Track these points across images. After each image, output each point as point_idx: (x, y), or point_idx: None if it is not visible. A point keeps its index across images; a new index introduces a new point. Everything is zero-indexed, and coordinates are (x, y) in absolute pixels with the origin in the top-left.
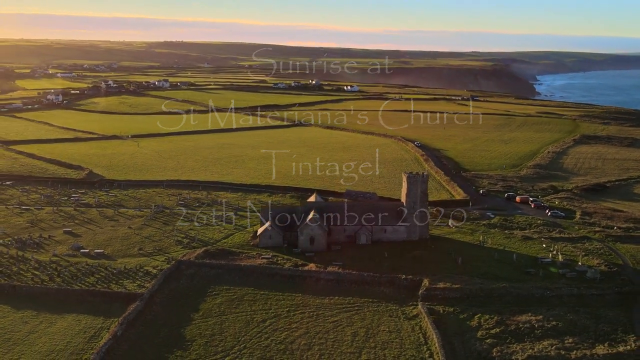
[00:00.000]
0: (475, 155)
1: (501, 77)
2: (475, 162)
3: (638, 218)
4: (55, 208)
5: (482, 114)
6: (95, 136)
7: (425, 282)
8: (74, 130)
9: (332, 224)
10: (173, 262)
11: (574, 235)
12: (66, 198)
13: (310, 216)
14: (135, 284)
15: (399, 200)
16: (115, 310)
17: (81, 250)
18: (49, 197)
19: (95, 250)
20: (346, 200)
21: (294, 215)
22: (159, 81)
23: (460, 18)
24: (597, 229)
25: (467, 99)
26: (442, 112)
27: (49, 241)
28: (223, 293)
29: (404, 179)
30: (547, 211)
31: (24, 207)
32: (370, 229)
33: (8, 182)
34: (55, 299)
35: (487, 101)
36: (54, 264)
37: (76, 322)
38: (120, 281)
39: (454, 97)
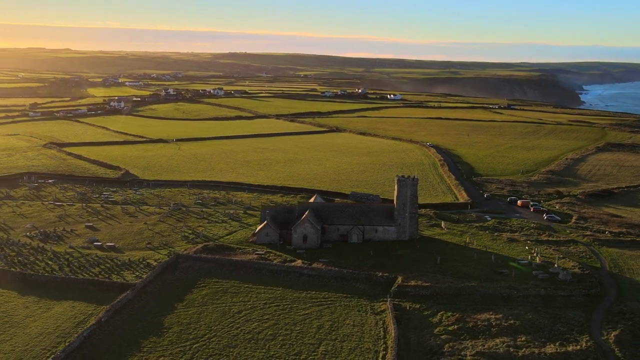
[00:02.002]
0: (493, 161)
1: (546, 86)
2: (491, 167)
3: (633, 223)
4: (84, 204)
5: (514, 121)
6: (143, 140)
7: (399, 279)
8: (126, 134)
9: (326, 223)
10: (172, 255)
11: (561, 239)
12: (97, 195)
13: (304, 216)
14: (134, 275)
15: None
16: (108, 299)
17: (95, 243)
18: (82, 194)
19: (107, 243)
20: (348, 201)
21: (290, 214)
22: (214, 89)
23: (512, 30)
24: (587, 233)
25: (504, 107)
26: (473, 120)
27: (70, 234)
28: (211, 285)
29: (396, 181)
30: (544, 215)
31: (57, 203)
32: (361, 229)
33: (50, 180)
34: (59, 287)
35: (524, 109)
36: (67, 255)
37: (71, 308)
38: (122, 272)
39: (491, 106)
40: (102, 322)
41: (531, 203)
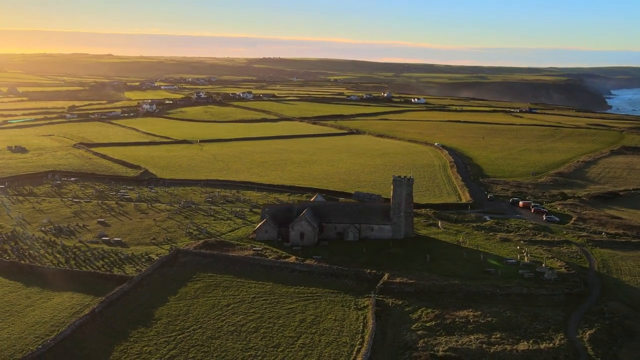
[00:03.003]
0: (504, 163)
1: (573, 91)
2: (501, 169)
3: (632, 225)
4: (100, 201)
5: (532, 125)
6: (168, 140)
7: (385, 276)
8: (153, 135)
9: (324, 221)
10: (173, 250)
11: (556, 239)
12: (114, 193)
13: (302, 214)
14: (134, 269)
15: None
16: (106, 291)
17: (103, 238)
18: (100, 192)
19: (115, 238)
20: (351, 200)
21: (290, 212)
22: (243, 93)
23: (541, 35)
24: (583, 234)
25: (525, 111)
26: (491, 123)
27: (82, 229)
28: (205, 279)
29: (392, 181)
30: (543, 216)
31: (75, 200)
32: (358, 227)
33: (73, 178)
34: (62, 279)
35: (545, 113)
36: (75, 248)
37: (70, 299)
38: (123, 266)
39: (512, 110)
40: (96, 312)
41: (532, 204)
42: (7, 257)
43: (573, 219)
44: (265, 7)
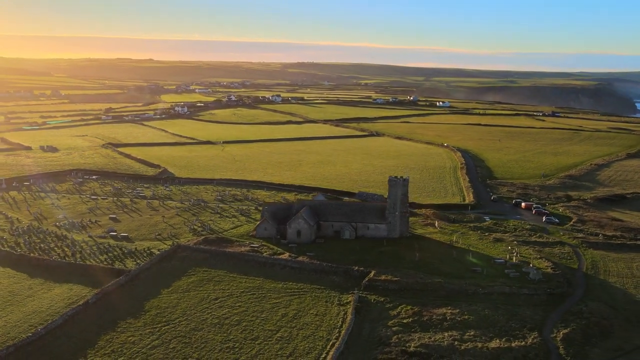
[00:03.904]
0: (516, 165)
1: (602, 95)
2: (511, 171)
3: (631, 227)
4: (115, 198)
5: (552, 128)
6: (193, 141)
7: (371, 273)
8: (180, 136)
9: (321, 220)
10: (174, 245)
11: (550, 240)
12: (130, 191)
13: (299, 212)
14: (135, 263)
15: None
16: (104, 283)
17: (111, 233)
18: (117, 189)
19: (122, 234)
20: (354, 199)
21: (289, 210)
22: (272, 96)
23: (573, 40)
24: (579, 235)
25: (548, 115)
26: (511, 126)
27: (93, 225)
28: (199, 274)
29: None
30: (543, 217)
31: (92, 197)
32: (354, 226)
33: (94, 177)
34: (65, 272)
35: (568, 117)
36: (84, 243)
37: (68, 290)
38: (125, 260)
39: (535, 113)
40: (89, 303)
41: (534, 206)
42: (19, 250)
43: (572, 220)
44: (302, 14)
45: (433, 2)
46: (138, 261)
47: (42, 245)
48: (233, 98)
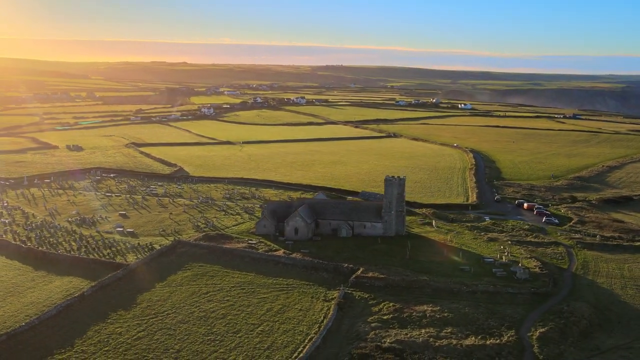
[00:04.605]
0: (526, 167)
1: (629, 97)
2: (520, 172)
3: (631, 229)
4: (129, 196)
5: (571, 130)
6: (213, 141)
7: (359, 270)
8: (202, 136)
9: (319, 218)
10: (174, 241)
11: (545, 240)
12: (144, 188)
13: (297, 210)
14: (135, 257)
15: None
16: (103, 276)
17: (117, 229)
18: (132, 187)
19: (128, 229)
20: (357, 199)
21: (289, 208)
22: (296, 98)
23: (601, 43)
24: (576, 236)
25: (569, 117)
26: (529, 128)
27: (103, 220)
28: (195, 269)
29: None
30: (543, 218)
31: (107, 194)
32: (351, 224)
33: (112, 175)
34: (68, 265)
35: (589, 119)
36: (90, 237)
37: (68, 282)
38: (127, 254)
39: (557, 115)
40: (85, 295)
41: (536, 206)
42: (29, 244)
43: (573, 221)
44: (332, 18)
45: (465, 6)
46: (139, 256)
47: (51, 239)
48: (259, 100)
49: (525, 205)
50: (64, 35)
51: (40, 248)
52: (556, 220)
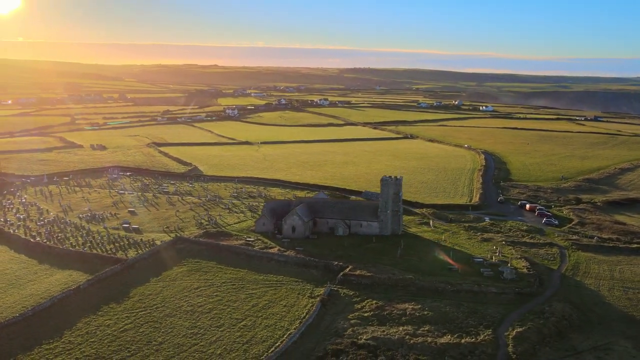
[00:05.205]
0: (537, 168)
1: None
2: (529, 174)
3: (631, 231)
4: (140, 193)
5: (589, 132)
6: (232, 141)
7: (347, 268)
8: (222, 136)
9: (317, 217)
10: (174, 238)
11: (541, 241)
12: (157, 187)
13: (294, 209)
14: (136, 252)
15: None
16: (102, 270)
17: (124, 225)
18: (145, 185)
19: (133, 226)
20: (359, 198)
21: (288, 207)
22: (319, 99)
23: (630, 45)
24: (573, 237)
25: (590, 119)
26: (546, 130)
27: (112, 217)
28: (190, 265)
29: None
30: (543, 219)
31: (120, 192)
32: (348, 223)
33: (128, 173)
34: (72, 259)
35: (609, 121)
36: (97, 233)
37: (68, 276)
38: (128, 249)
39: (577, 118)
40: (81, 289)
41: (538, 207)
42: (38, 239)
43: (573, 222)
44: (360, 21)
45: (496, 9)
46: (140, 251)
47: (60, 234)
48: (283, 101)
49: (528, 206)
50: (101, 39)
51: (47, 242)
52: (556, 222)
